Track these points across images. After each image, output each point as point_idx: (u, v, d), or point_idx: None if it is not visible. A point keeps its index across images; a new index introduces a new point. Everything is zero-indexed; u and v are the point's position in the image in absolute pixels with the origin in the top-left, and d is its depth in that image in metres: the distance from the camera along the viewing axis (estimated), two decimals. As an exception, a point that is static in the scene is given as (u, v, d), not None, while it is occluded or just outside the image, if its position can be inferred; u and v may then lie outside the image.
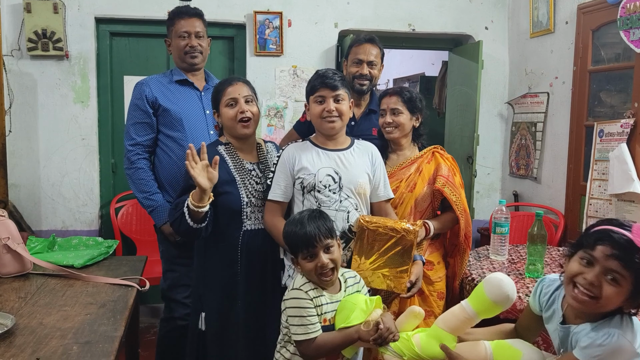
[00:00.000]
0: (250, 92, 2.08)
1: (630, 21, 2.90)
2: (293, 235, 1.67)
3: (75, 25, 3.58)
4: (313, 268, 1.63)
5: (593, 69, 3.32)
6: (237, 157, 2.07)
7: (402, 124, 2.26)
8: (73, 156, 3.65)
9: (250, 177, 2.05)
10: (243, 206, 2.01)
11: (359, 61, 2.52)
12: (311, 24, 3.90)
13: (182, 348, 2.49)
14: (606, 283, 1.30)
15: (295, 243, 1.66)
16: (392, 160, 2.35)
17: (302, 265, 1.66)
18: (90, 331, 1.52)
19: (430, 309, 2.29)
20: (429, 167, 2.30)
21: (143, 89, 2.41)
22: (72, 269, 2.04)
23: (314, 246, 1.63)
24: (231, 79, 2.11)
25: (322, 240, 1.63)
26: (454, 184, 2.28)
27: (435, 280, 2.31)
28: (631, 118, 2.94)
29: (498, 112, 4.25)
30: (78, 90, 3.62)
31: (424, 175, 2.28)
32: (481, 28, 4.15)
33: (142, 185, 2.39)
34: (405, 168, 2.30)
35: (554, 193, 3.66)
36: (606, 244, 1.30)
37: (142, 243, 3.64)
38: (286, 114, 3.92)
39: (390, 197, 2.12)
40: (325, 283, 1.67)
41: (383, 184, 2.10)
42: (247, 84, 2.12)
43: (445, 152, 2.38)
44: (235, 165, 2.04)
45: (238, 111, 2.02)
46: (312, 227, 1.63)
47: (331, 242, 1.66)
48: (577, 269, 1.36)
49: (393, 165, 2.32)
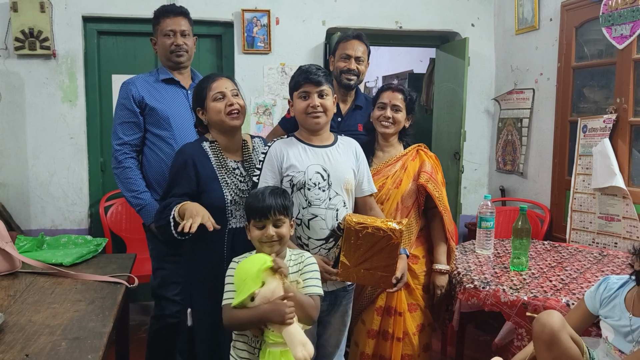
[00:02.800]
0: (235, 87, 2.10)
1: (612, 18, 2.95)
2: (252, 202, 1.76)
3: (62, 24, 3.57)
4: (259, 236, 1.73)
5: (577, 65, 3.37)
6: (221, 155, 2.06)
7: (399, 122, 2.32)
8: (61, 155, 3.64)
9: (233, 176, 2.05)
10: (227, 204, 2.01)
11: (347, 56, 2.55)
12: (299, 21, 3.92)
13: (173, 345, 2.51)
14: None
15: (251, 209, 1.75)
16: (378, 157, 2.39)
17: (251, 230, 1.77)
18: (79, 327, 1.54)
19: (416, 302, 2.34)
20: (414, 164, 2.35)
21: (129, 89, 2.41)
22: (61, 267, 2.05)
23: (267, 217, 1.73)
24: (214, 75, 2.11)
25: (275, 215, 1.73)
26: (437, 181, 2.33)
27: (420, 274, 2.35)
28: (613, 113, 2.99)
29: (484, 108, 4.29)
30: (66, 89, 3.62)
31: (409, 172, 2.32)
32: (467, 25, 4.19)
33: (130, 185, 2.40)
34: (391, 165, 2.34)
35: (540, 188, 3.72)
36: None
37: (132, 241, 3.65)
38: (275, 111, 3.93)
39: (374, 191, 2.15)
40: (267, 251, 1.73)
41: (367, 179, 2.13)
42: (231, 78, 2.13)
43: (428, 151, 2.44)
44: (219, 163, 2.04)
45: (227, 103, 2.02)
46: (271, 200, 1.74)
47: (283, 219, 1.76)
48: None
49: (379, 163, 2.35)
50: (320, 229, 1.97)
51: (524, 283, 2.26)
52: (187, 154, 2.02)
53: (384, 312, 2.33)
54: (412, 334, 2.31)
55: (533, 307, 2.05)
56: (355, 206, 2.14)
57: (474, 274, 2.36)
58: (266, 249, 1.74)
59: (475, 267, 2.48)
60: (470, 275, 2.35)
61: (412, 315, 2.33)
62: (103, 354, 1.41)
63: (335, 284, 2.05)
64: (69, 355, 1.37)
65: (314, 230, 1.98)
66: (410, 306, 2.33)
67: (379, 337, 2.34)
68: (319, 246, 1.99)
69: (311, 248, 1.99)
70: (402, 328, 2.30)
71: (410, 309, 2.33)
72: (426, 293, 2.38)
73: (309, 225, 1.98)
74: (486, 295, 2.19)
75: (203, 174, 1.98)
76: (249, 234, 1.79)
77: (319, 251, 1.99)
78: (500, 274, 2.39)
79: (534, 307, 2.05)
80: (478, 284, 2.25)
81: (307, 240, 1.99)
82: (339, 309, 2.12)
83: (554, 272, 2.41)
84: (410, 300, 2.33)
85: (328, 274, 1.96)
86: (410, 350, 2.31)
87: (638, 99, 2.91)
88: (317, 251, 1.99)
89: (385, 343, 2.32)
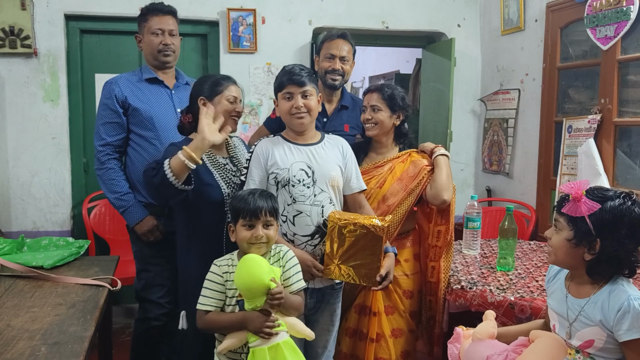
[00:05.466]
0: (241, 97, 2.14)
1: (596, 19, 2.97)
2: (242, 202, 1.74)
3: (44, 22, 3.51)
4: (248, 237, 1.71)
5: (562, 66, 3.39)
6: (210, 152, 2.07)
7: (380, 121, 2.27)
8: (43, 155, 3.58)
9: (226, 171, 2.07)
10: (225, 198, 2.01)
11: (332, 56, 2.53)
12: (285, 21, 3.90)
13: (157, 349, 2.48)
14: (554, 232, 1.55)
15: (241, 208, 1.73)
16: (370, 157, 2.37)
17: (239, 231, 1.74)
18: (59, 332, 1.50)
19: (393, 305, 2.31)
20: (402, 166, 2.31)
21: (112, 88, 2.38)
22: (41, 270, 2.01)
23: (257, 218, 1.72)
24: (233, 80, 2.13)
25: (266, 215, 1.73)
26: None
27: (401, 277, 2.32)
28: (598, 114, 3.01)
29: (471, 109, 4.30)
30: (48, 88, 3.55)
31: (395, 173, 2.29)
32: (454, 25, 4.19)
33: (113, 186, 2.36)
34: (380, 167, 2.32)
35: (526, 188, 3.73)
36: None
37: (116, 243, 3.60)
38: (261, 111, 3.91)
39: (363, 188, 2.13)
40: (254, 252, 1.72)
41: (355, 175, 2.12)
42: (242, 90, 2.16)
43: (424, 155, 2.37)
44: (210, 160, 2.05)
45: (235, 109, 2.07)
46: (263, 202, 1.74)
47: (272, 221, 1.76)
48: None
49: (369, 163, 2.33)
50: (305, 225, 1.98)
51: (511, 283, 2.26)
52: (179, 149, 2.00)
53: (360, 311, 2.31)
54: (388, 337, 2.27)
55: (520, 307, 2.05)
56: (346, 204, 2.13)
57: (460, 275, 2.36)
58: (254, 250, 1.73)
59: (462, 268, 2.47)
60: (457, 276, 2.34)
61: (388, 318, 2.29)
62: (84, 358, 1.38)
63: (323, 281, 2.04)
64: (48, 360, 1.33)
65: (299, 226, 1.98)
66: (387, 308, 2.30)
67: (356, 336, 2.32)
68: (305, 242, 1.99)
69: (297, 244, 1.99)
70: (375, 329, 2.26)
71: (387, 311, 2.29)
72: (408, 298, 2.34)
73: (294, 222, 1.98)
74: (473, 296, 2.19)
75: (198, 171, 1.96)
76: (234, 235, 1.77)
77: (305, 247, 1.99)
78: (487, 274, 2.39)
79: (521, 307, 2.05)
80: (465, 284, 2.25)
81: (293, 236, 1.99)
82: (326, 307, 2.11)
83: (540, 272, 2.42)
84: (386, 303, 2.30)
85: (317, 270, 1.95)
86: (386, 354, 2.26)
87: (622, 100, 2.93)
88: (303, 247, 1.99)
89: (361, 343, 2.30)
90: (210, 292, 1.72)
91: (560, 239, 1.51)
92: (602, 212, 1.43)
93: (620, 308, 1.40)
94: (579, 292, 1.54)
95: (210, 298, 1.72)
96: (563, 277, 1.64)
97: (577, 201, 1.45)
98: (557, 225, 1.53)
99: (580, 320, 1.50)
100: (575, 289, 1.56)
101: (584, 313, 1.49)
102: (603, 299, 1.46)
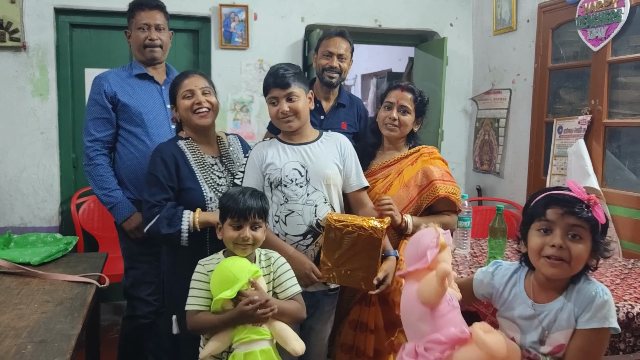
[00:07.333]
0: (207, 84, 2.08)
1: (587, 20, 2.99)
2: (231, 201, 1.70)
3: (33, 16, 3.47)
4: (235, 237, 1.68)
5: (553, 66, 3.41)
6: (198, 151, 2.05)
7: (405, 125, 2.17)
8: (31, 150, 3.54)
9: (212, 172, 2.04)
10: (207, 201, 2.00)
11: (329, 54, 2.52)
12: (277, 17, 3.88)
13: (145, 346, 2.46)
14: (571, 242, 1.37)
15: (229, 208, 1.69)
16: (378, 157, 2.27)
17: (226, 231, 1.70)
18: (46, 330, 1.49)
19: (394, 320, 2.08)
20: (411, 170, 2.19)
21: (102, 84, 2.36)
22: (28, 267, 1.99)
23: (246, 218, 1.68)
24: (187, 72, 2.11)
25: (255, 217, 1.69)
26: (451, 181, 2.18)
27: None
28: (588, 115, 3.02)
29: (462, 108, 4.31)
30: (37, 82, 3.51)
31: (402, 177, 2.18)
32: (446, 25, 4.20)
33: (102, 182, 2.34)
34: (387, 168, 2.21)
35: (516, 187, 3.75)
36: (555, 206, 1.38)
37: (105, 240, 3.57)
38: (252, 108, 3.89)
39: (364, 185, 2.07)
40: (240, 253, 1.70)
41: (355, 173, 2.06)
42: (204, 76, 2.11)
43: (435, 153, 2.26)
44: (196, 160, 2.03)
45: (194, 102, 2.01)
46: (252, 202, 1.70)
47: (260, 222, 1.71)
48: (540, 241, 1.41)
49: (376, 164, 2.24)
50: (297, 225, 1.96)
51: (500, 283, 2.26)
52: (165, 152, 2.00)
53: (356, 327, 2.15)
54: (388, 354, 2.09)
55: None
56: (347, 203, 2.09)
57: (450, 274, 2.35)
58: (239, 251, 1.70)
59: (452, 267, 2.46)
60: (447, 275, 2.33)
61: (388, 335, 2.11)
62: (71, 357, 1.36)
63: (316, 285, 2.00)
64: (34, 358, 1.32)
65: (291, 225, 1.96)
66: (387, 324, 2.11)
67: (352, 352, 2.16)
68: (297, 242, 1.97)
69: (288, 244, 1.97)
70: (372, 346, 2.10)
71: (387, 326, 2.11)
72: None
73: (285, 221, 1.96)
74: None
75: (182, 173, 1.96)
76: (221, 234, 1.75)
77: (297, 247, 1.97)
78: (477, 273, 2.38)
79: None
80: (455, 283, 2.24)
81: (284, 236, 1.97)
82: (322, 315, 2.07)
83: (529, 272, 2.42)
84: (387, 318, 2.11)
85: (316, 275, 1.92)
86: None
87: (612, 101, 2.95)
88: (295, 247, 1.97)
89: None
90: (198, 292, 1.70)
91: (585, 249, 1.37)
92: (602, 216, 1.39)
93: (589, 298, 1.39)
94: (546, 296, 1.46)
95: (198, 298, 1.70)
96: (521, 285, 1.53)
97: (594, 207, 1.37)
98: (575, 233, 1.37)
99: (556, 326, 1.43)
100: (542, 294, 1.47)
101: (560, 317, 1.42)
102: (574, 296, 1.42)
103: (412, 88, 2.20)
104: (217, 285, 1.63)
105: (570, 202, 1.37)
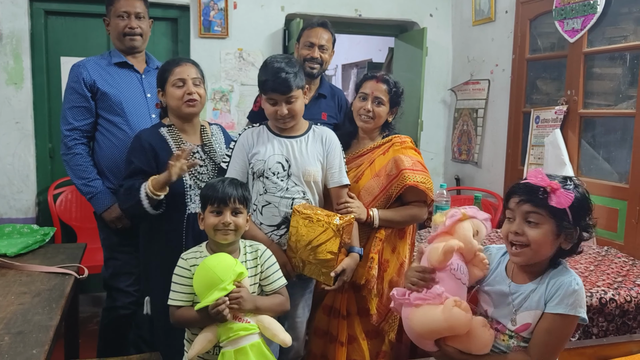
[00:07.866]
0: (198, 75, 2.07)
1: (564, 12, 3.03)
2: (210, 189, 1.71)
3: (6, 3, 3.38)
4: (215, 223, 1.68)
5: (530, 57, 3.45)
6: (180, 139, 2.04)
7: (380, 117, 2.15)
8: (6, 141, 3.47)
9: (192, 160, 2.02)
10: (186, 189, 2.00)
11: (311, 44, 2.52)
12: (257, 6, 3.85)
13: (125, 337, 2.45)
14: (528, 227, 1.45)
15: (210, 195, 1.70)
16: (352, 147, 2.26)
17: (206, 218, 1.71)
18: (24, 321, 1.47)
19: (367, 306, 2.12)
20: (382, 160, 2.16)
21: (80, 72, 2.31)
22: (4, 258, 1.97)
23: (226, 204, 1.68)
24: (179, 59, 2.09)
25: (235, 203, 1.70)
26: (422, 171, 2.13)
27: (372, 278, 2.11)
28: (564, 105, 3.07)
29: (441, 99, 4.35)
30: (11, 71, 3.44)
31: (374, 167, 2.16)
32: (426, 15, 4.22)
33: (81, 172, 2.31)
34: (359, 157, 2.20)
35: (494, 177, 3.80)
36: (513, 195, 1.48)
37: (83, 230, 3.53)
38: (232, 97, 3.87)
39: (343, 184, 2.06)
40: (221, 240, 1.70)
41: (338, 170, 2.06)
42: (196, 65, 2.10)
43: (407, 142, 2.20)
44: (178, 148, 2.01)
45: (185, 92, 2.00)
46: (231, 188, 1.71)
47: (241, 208, 1.72)
48: (506, 229, 1.51)
49: (350, 153, 2.23)
50: (272, 216, 1.99)
51: (478, 270, 2.29)
52: (145, 139, 2.01)
53: (330, 312, 2.18)
54: (361, 339, 2.12)
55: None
56: (326, 198, 2.10)
57: (429, 262, 2.38)
58: (220, 237, 1.69)
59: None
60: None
61: (362, 320, 2.13)
62: (49, 348, 1.36)
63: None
64: (12, 350, 1.31)
65: (266, 216, 1.99)
66: (361, 310, 2.13)
67: (326, 337, 2.19)
68: (271, 232, 2.00)
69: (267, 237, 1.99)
70: (345, 332, 2.12)
71: (361, 313, 2.13)
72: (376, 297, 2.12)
73: (262, 212, 1.99)
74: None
75: (162, 160, 1.94)
76: (202, 223, 1.74)
77: (271, 237, 2.00)
78: (455, 261, 2.41)
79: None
80: (434, 271, 2.27)
81: (260, 225, 2.00)
82: (301, 300, 2.11)
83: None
84: (361, 304, 2.13)
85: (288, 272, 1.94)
86: (359, 356, 2.12)
87: (588, 91, 3.01)
88: (269, 237, 2.00)
89: (331, 345, 2.16)
90: (180, 287, 1.69)
91: (543, 233, 1.43)
92: (575, 201, 1.42)
93: (560, 285, 1.44)
94: (523, 278, 1.53)
95: (180, 293, 1.68)
96: (503, 265, 1.61)
97: (554, 193, 1.41)
98: (531, 220, 1.44)
99: (525, 306, 1.50)
100: (520, 276, 1.55)
101: (531, 298, 1.49)
102: (548, 281, 1.48)
103: (387, 79, 2.17)
104: (201, 287, 1.61)
105: (526, 191, 1.45)
